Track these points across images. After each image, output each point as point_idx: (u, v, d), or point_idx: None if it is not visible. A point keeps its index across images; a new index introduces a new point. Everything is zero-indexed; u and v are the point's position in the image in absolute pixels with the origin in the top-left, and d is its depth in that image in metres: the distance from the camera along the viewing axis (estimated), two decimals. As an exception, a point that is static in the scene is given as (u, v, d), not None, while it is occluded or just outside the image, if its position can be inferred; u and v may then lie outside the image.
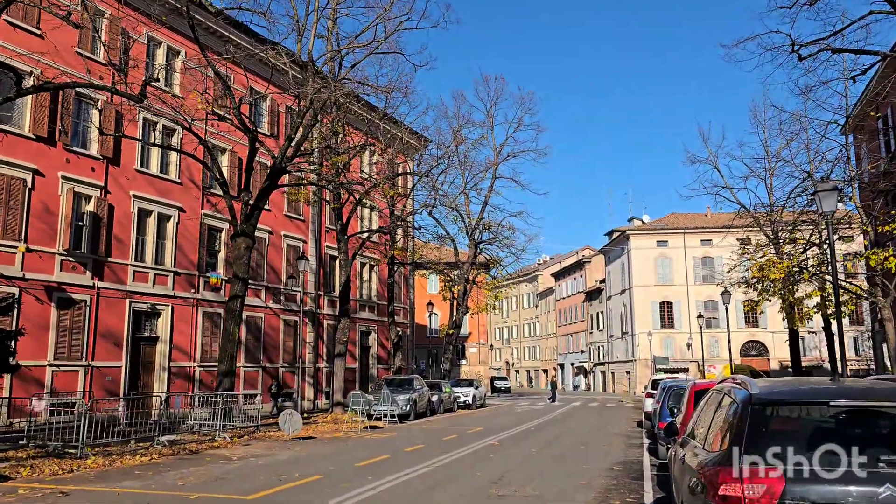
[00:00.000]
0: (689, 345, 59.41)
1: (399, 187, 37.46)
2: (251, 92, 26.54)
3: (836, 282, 13.04)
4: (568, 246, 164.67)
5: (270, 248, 31.65)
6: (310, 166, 27.01)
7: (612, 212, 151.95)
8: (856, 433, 4.49)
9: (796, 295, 28.57)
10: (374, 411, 24.96)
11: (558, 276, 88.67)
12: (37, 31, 21.58)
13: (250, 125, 22.35)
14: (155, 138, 25.85)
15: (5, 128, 20.75)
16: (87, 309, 22.94)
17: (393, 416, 25.04)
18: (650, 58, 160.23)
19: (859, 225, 25.52)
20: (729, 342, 35.54)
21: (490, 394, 57.44)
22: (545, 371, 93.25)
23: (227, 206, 22.10)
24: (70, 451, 14.19)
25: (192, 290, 27.11)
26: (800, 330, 33.37)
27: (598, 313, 75.22)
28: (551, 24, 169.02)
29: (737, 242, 34.63)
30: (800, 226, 28.26)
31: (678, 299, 61.87)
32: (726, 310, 34.58)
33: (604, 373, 73.88)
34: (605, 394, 65.92)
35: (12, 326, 18.09)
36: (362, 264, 38.60)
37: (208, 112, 22.11)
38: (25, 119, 21.51)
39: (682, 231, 62.77)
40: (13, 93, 14.64)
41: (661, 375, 31.86)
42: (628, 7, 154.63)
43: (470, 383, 39.09)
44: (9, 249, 20.70)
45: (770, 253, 29.22)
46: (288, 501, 9.84)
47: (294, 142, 22.39)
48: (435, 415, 30.06)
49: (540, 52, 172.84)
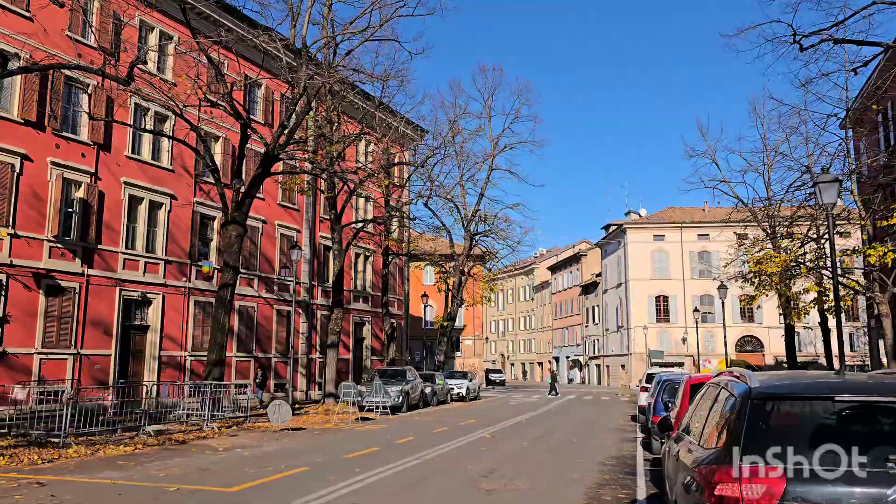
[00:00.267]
0: (684, 339, 59.34)
1: (395, 177, 37.16)
2: (244, 78, 26.17)
3: (836, 274, 12.81)
4: (564, 239, 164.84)
5: (264, 237, 31.33)
6: (304, 154, 26.68)
7: (609, 205, 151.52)
8: (862, 430, 4.20)
9: (793, 290, 28.42)
10: (366, 403, 24.71)
11: (554, 269, 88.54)
12: (26, 14, 21.17)
13: (242, 111, 22.01)
14: (146, 125, 25.49)
15: (-7, 111, 20.43)
16: (76, 296, 22.64)
17: (385, 408, 24.80)
18: (649, 50, 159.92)
19: (857, 220, 25.32)
20: (725, 337, 35.29)
21: (485, 386, 57.32)
22: (540, 364, 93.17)
23: (219, 193, 21.79)
24: (53, 440, 13.92)
25: (184, 279, 26.81)
26: (795, 325, 33.21)
27: (593, 307, 75.10)
28: (549, 12, 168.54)
29: (734, 237, 34.41)
30: (797, 221, 28.06)
31: (674, 294, 61.74)
32: (722, 304, 34.36)
33: (599, 366, 73.83)
34: (599, 387, 65.86)
35: (-2, 313, 17.80)
36: (357, 255, 38.30)
37: (201, 99, 21.76)
38: (14, 103, 21.12)
39: (679, 225, 62.56)
40: (-1, 74, 14.31)
41: (656, 369, 31.68)
42: None
43: (464, 375, 38.87)
44: (-5, 235, 20.40)
45: (767, 247, 29.03)
46: (270, 494, 9.54)
47: (287, 129, 22.05)
48: (428, 407, 29.87)
49: (537, 43, 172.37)
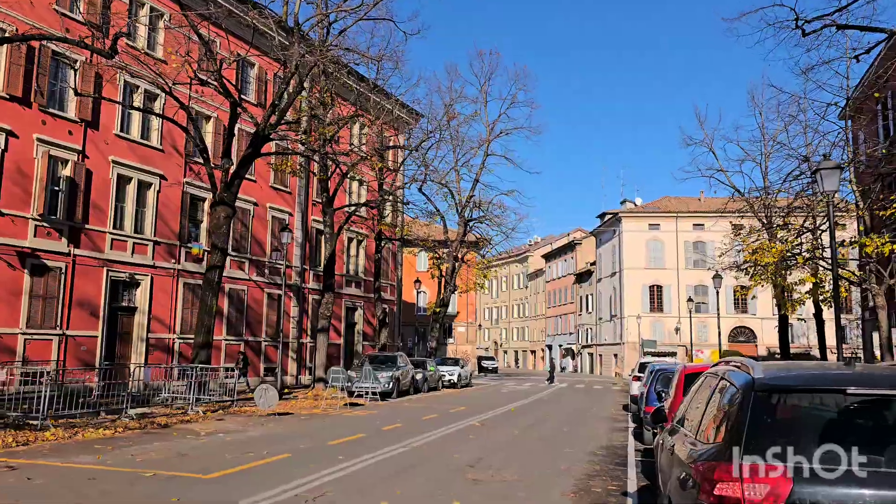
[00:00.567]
0: (677, 329, 59.24)
1: (389, 161, 36.72)
2: (236, 57, 25.65)
3: (835, 263, 12.52)
4: (559, 227, 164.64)
5: (255, 220, 30.90)
6: (296, 135, 26.23)
7: (605, 194, 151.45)
8: (876, 427, 3.88)
9: (788, 280, 28.19)
10: (356, 388, 24.43)
11: (549, 257, 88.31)
12: (11, -15, 20.63)
13: (232, 89, 21.54)
14: (136, 103, 24.97)
15: (-24, 86, 19.94)
16: (62, 276, 22.23)
17: (374, 394, 24.52)
18: (646, 32, 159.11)
19: (853, 212, 25.06)
20: (719, 327, 35.21)
21: (477, 373, 57.18)
22: (533, 352, 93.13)
23: (208, 173, 21.38)
24: (31, 422, 13.58)
25: (173, 261, 26.42)
26: (788, 317, 33.03)
27: (587, 295, 74.94)
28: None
29: (729, 227, 34.17)
30: (793, 212, 27.78)
31: (668, 283, 61.56)
32: (717, 294, 34.21)
33: (591, 355, 73.79)
34: (592, 376, 65.81)
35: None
36: (349, 239, 37.92)
37: (191, 77, 21.28)
38: (-1, 77, 20.63)
39: (675, 215, 62.28)
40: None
41: (649, 358, 31.53)
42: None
43: (456, 362, 38.64)
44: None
45: (763, 237, 28.75)
46: (248, 481, 9.19)
47: (278, 109, 21.61)
48: (419, 393, 29.63)
49: (534, 25, 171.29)
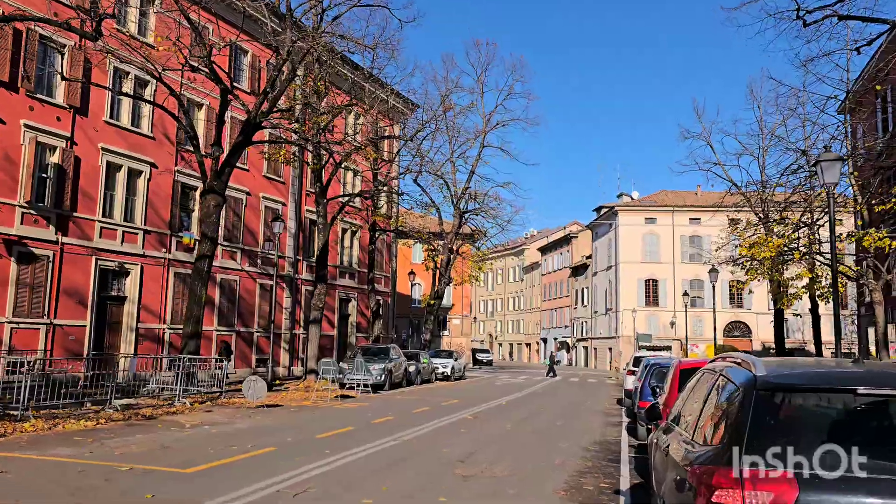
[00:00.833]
0: (672, 323, 59.08)
1: (384, 152, 36.37)
2: (227, 43, 25.24)
3: (835, 256, 12.27)
4: (555, 220, 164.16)
5: (248, 209, 30.55)
6: (289, 124, 25.87)
7: (602, 187, 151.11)
8: (887, 429, 3.61)
9: (785, 275, 27.99)
10: (348, 380, 24.16)
11: (545, 250, 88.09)
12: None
13: (223, 76, 21.18)
14: (126, 89, 24.56)
15: (-39, 69, 19.54)
16: (50, 265, 21.89)
17: (366, 386, 24.27)
18: (644, 30, 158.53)
19: (851, 207, 24.84)
20: (714, 321, 34.99)
21: (472, 366, 57.02)
22: (528, 345, 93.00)
23: (198, 161, 21.03)
24: (12, 412, 13.28)
25: (164, 250, 26.08)
26: (784, 311, 32.87)
27: (583, 289, 74.75)
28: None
29: (726, 222, 33.97)
30: (790, 207, 27.55)
31: (664, 277, 61.37)
32: (713, 288, 33.99)
33: (586, 348, 73.66)
34: (587, 369, 65.69)
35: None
36: (344, 230, 37.58)
37: (182, 64, 20.88)
38: (-16, 62, 20.23)
39: (672, 209, 62.05)
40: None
41: (644, 353, 31.35)
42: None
43: (449, 354, 38.39)
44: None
45: (760, 232, 28.53)
46: (229, 476, 8.90)
47: (270, 96, 21.24)
48: (412, 386, 29.39)
49: (532, 22, 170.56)
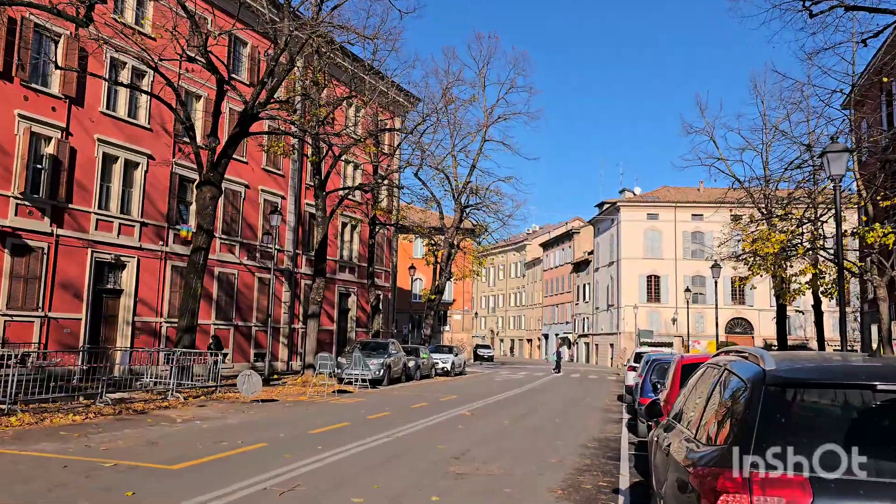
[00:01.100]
0: (674, 319, 58.80)
1: (385, 145, 36.07)
2: (225, 34, 24.95)
3: (841, 250, 11.99)
4: (558, 217, 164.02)
5: (246, 202, 30.29)
6: (288, 115, 25.57)
7: (604, 183, 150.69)
8: None
9: (788, 271, 27.72)
10: (346, 375, 23.94)
11: (546, 246, 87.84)
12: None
13: (220, 66, 20.88)
14: (122, 79, 24.27)
15: (-46, 58, 19.28)
16: (45, 257, 21.66)
17: (364, 381, 24.03)
18: (644, 30, 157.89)
19: (855, 202, 24.56)
20: (716, 317, 34.74)
21: (472, 362, 56.85)
22: (529, 341, 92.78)
23: (194, 152, 20.78)
24: None
25: (161, 243, 25.84)
26: (787, 308, 32.61)
27: (584, 285, 74.49)
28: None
29: (728, 218, 33.70)
30: (794, 202, 27.27)
31: (666, 273, 61.08)
32: (715, 284, 33.72)
33: (588, 344, 73.43)
34: (588, 365, 65.46)
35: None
36: (343, 224, 37.30)
37: (179, 54, 20.60)
38: (-23, 51, 19.97)
39: (674, 205, 61.73)
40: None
41: (645, 349, 31.11)
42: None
43: (449, 350, 38.16)
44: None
45: (763, 227, 28.25)
46: (215, 473, 8.64)
47: (267, 86, 20.95)
48: (411, 381, 29.16)
49: (532, 22, 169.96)
